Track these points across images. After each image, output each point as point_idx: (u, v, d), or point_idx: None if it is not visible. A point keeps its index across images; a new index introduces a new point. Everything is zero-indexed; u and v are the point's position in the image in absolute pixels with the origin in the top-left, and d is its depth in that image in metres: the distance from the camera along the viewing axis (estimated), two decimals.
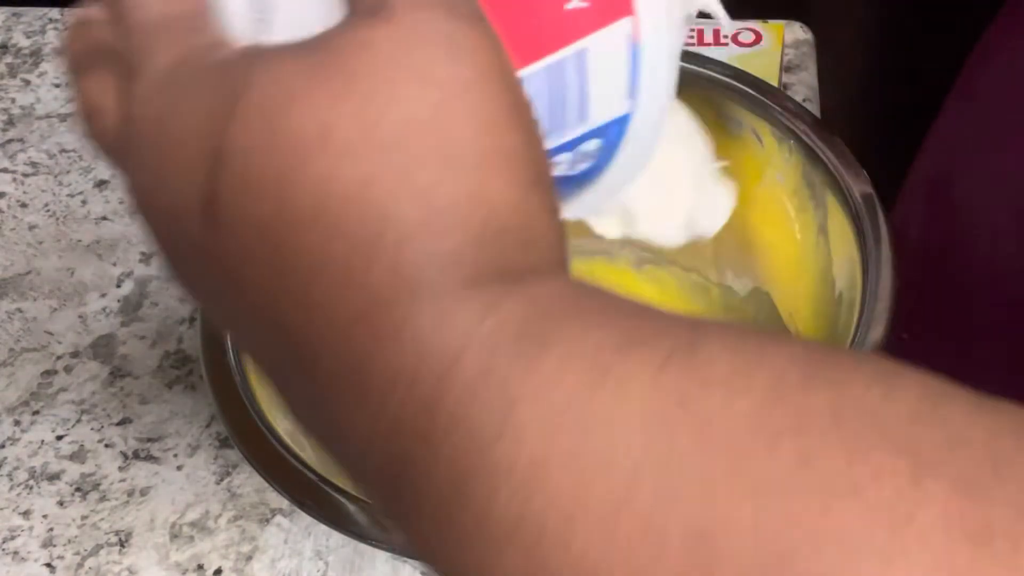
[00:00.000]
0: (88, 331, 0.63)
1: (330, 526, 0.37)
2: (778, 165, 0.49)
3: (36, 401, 0.60)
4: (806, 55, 0.74)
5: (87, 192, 0.71)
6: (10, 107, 0.77)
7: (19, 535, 0.54)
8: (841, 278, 0.46)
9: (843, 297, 0.45)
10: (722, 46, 0.73)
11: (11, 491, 0.56)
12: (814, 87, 0.72)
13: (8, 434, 0.58)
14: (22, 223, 0.69)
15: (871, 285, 0.42)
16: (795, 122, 0.48)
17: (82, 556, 0.53)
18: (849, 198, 0.45)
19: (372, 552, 0.52)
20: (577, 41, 0.29)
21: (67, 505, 0.55)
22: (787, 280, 0.52)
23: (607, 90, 0.31)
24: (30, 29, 0.83)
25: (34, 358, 0.62)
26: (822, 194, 0.47)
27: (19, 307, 0.64)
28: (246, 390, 0.41)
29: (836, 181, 0.46)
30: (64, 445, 0.58)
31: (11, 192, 0.71)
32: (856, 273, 0.43)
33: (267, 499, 0.55)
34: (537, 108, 0.26)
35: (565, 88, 0.30)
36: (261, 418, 0.40)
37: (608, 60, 0.30)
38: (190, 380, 0.60)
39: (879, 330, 0.40)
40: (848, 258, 0.45)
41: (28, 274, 0.66)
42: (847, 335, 0.41)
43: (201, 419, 0.58)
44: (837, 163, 0.46)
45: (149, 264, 0.66)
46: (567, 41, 0.29)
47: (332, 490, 0.38)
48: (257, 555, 0.53)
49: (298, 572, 0.52)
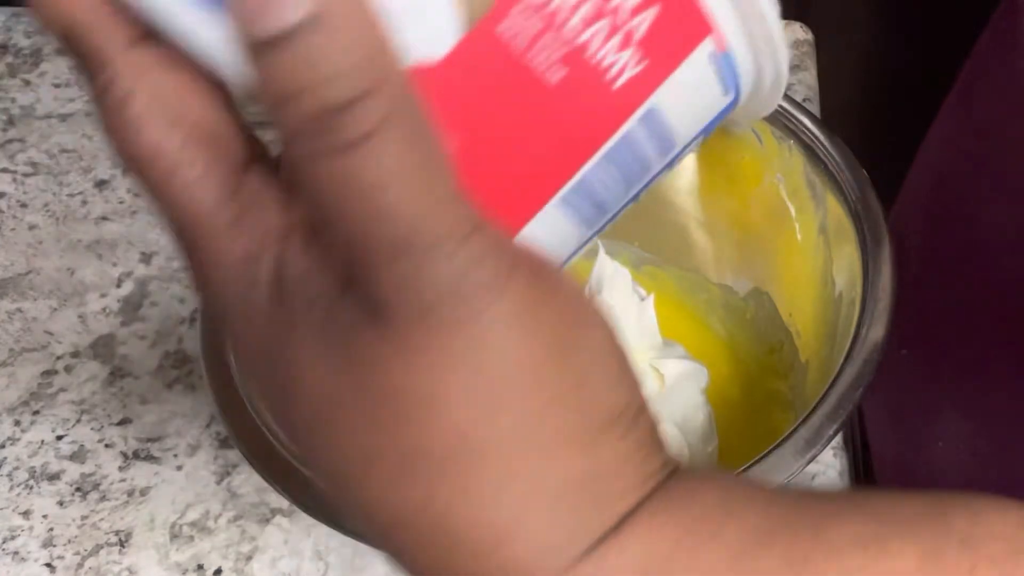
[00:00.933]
0: (88, 331, 0.63)
1: (330, 526, 0.37)
2: (778, 165, 0.49)
3: (36, 401, 0.60)
4: (806, 55, 0.74)
5: (87, 192, 0.71)
6: (10, 107, 0.77)
7: (19, 535, 0.54)
8: (841, 278, 0.45)
9: (843, 297, 0.45)
10: None
11: (11, 491, 0.56)
12: (814, 87, 0.72)
13: (8, 434, 0.58)
14: (22, 223, 0.69)
15: (871, 285, 0.42)
16: (795, 122, 0.48)
17: (82, 556, 0.53)
18: (849, 198, 0.45)
19: (372, 552, 0.52)
20: (638, 108, 0.27)
21: (67, 505, 0.55)
22: (787, 280, 0.52)
23: (696, 110, 0.29)
24: (30, 29, 0.83)
25: (34, 358, 0.62)
26: (822, 194, 0.47)
27: (19, 307, 0.64)
28: (246, 390, 0.41)
29: (836, 181, 0.46)
30: (64, 445, 0.58)
31: (11, 192, 0.71)
32: (856, 273, 0.43)
33: (267, 499, 0.55)
34: (609, 187, 0.26)
35: (638, 149, 0.28)
36: (261, 418, 0.40)
37: (688, 91, 0.28)
38: (190, 380, 0.60)
39: (879, 330, 0.40)
40: (848, 258, 0.45)
41: (28, 274, 0.66)
42: (847, 335, 0.41)
43: (201, 419, 0.58)
44: (838, 163, 0.46)
45: (149, 264, 0.66)
46: (624, 117, 0.27)
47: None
48: (257, 555, 0.53)
49: (298, 572, 0.52)
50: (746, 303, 0.55)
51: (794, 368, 0.50)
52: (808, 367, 0.49)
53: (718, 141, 0.52)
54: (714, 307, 0.56)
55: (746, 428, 0.51)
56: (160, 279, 0.65)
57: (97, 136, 0.74)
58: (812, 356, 0.48)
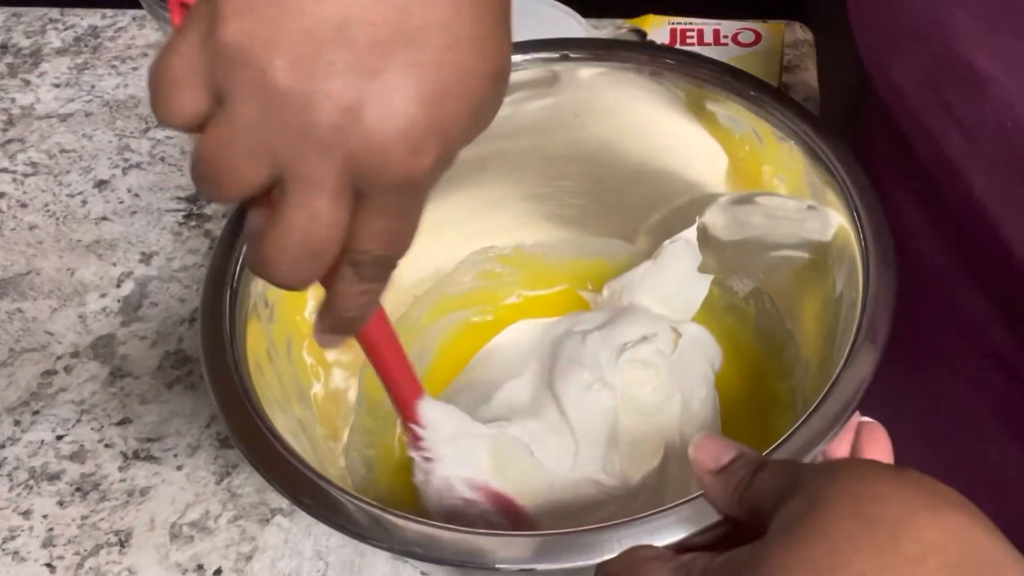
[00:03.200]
0: (88, 331, 0.63)
1: (330, 526, 0.37)
2: (779, 165, 0.49)
3: (36, 401, 0.60)
4: (806, 55, 0.74)
5: (87, 192, 0.71)
6: (10, 107, 0.77)
7: (19, 535, 0.54)
8: (841, 278, 0.45)
9: (843, 297, 0.45)
10: (722, 46, 0.73)
11: (11, 491, 0.56)
12: (814, 87, 0.72)
13: (8, 434, 0.58)
14: (22, 223, 0.69)
15: (871, 285, 0.42)
16: (796, 122, 0.48)
17: (82, 556, 0.53)
18: (849, 198, 0.45)
19: (372, 552, 0.52)
20: None
21: (67, 505, 0.55)
22: (787, 280, 0.52)
23: None
24: (30, 29, 0.83)
25: (34, 358, 0.62)
26: (822, 194, 0.47)
27: (19, 307, 0.64)
28: (246, 390, 0.41)
29: (836, 181, 0.46)
30: (64, 445, 0.58)
31: (11, 192, 0.71)
32: (856, 273, 0.43)
33: (267, 499, 0.55)
34: None
35: None
36: (261, 418, 0.40)
37: None
38: (190, 380, 0.60)
39: (880, 331, 0.40)
40: (848, 258, 0.45)
41: (28, 274, 0.66)
42: (848, 336, 0.41)
43: (201, 419, 0.58)
44: (837, 163, 0.46)
45: (149, 264, 0.66)
46: None
47: (332, 489, 0.38)
48: (257, 555, 0.53)
49: (298, 572, 0.52)
50: (747, 303, 0.55)
51: (795, 369, 0.50)
52: (808, 367, 0.49)
53: (719, 141, 0.52)
54: (714, 307, 0.56)
55: (747, 428, 0.51)
56: (160, 279, 0.65)
57: (97, 136, 0.74)
58: (812, 356, 0.48)
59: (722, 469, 0.35)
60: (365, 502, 0.38)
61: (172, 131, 0.74)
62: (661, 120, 0.52)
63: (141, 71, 0.79)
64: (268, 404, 0.42)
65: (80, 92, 0.77)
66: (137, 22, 0.83)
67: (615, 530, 0.35)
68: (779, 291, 0.53)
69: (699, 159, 0.53)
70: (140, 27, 0.82)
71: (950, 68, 0.41)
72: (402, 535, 0.36)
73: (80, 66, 0.79)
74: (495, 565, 0.35)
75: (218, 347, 0.43)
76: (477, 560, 0.36)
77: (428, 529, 0.36)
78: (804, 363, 0.49)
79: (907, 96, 0.45)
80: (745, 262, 0.54)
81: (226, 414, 0.41)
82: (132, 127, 0.75)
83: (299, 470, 0.39)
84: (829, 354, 0.44)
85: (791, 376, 0.51)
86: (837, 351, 0.42)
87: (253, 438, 0.40)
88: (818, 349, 0.47)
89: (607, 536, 0.35)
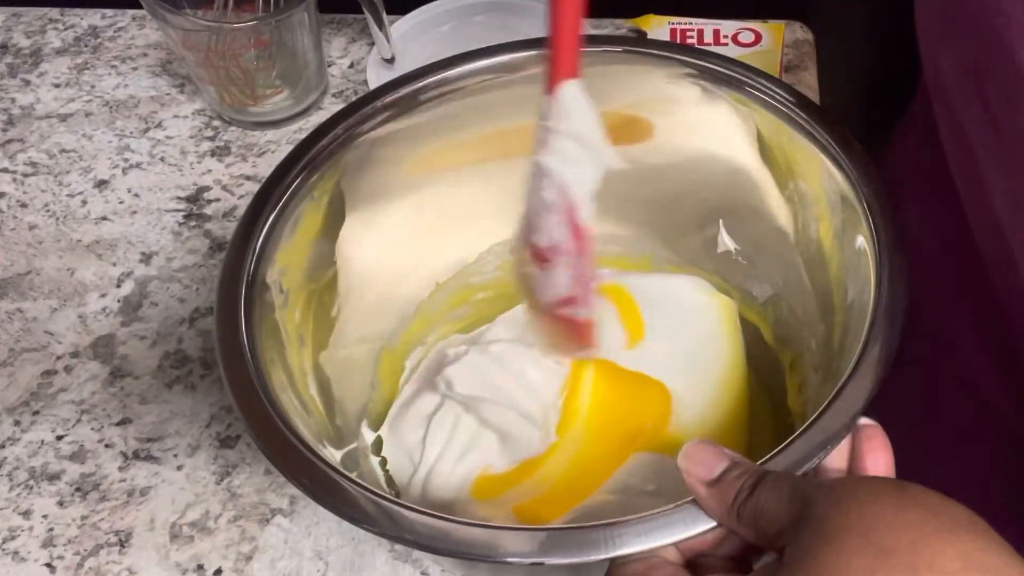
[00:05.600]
0: (88, 331, 0.63)
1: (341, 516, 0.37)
2: (796, 172, 0.49)
3: (36, 401, 0.60)
4: (806, 55, 0.74)
5: (87, 192, 0.71)
6: (10, 107, 0.77)
7: (19, 535, 0.54)
8: (853, 286, 0.45)
9: (854, 305, 0.44)
10: (722, 46, 0.73)
11: (11, 491, 0.56)
12: (814, 87, 0.72)
13: (8, 434, 0.58)
14: (22, 223, 0.69)
15: (883, 294, 0.41)
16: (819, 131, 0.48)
17: (82, 556, 0.53)
18: (865, 205, 0.44)
19: (372, 552, 0.52)
20: None
21: (67, 505, 0.55)
22: (802, 286, 0.52)
23: None
24: (30, 29, 0.83)
25: (34, 358, 0.62)
26: (838, 201, 0.46)
27: (19, 307, 0.64)
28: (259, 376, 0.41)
29: (853, 188, 0.45)
30: (64, 445, 0.58)
31: (11, 192, 0.71)
32: (869, 280, 0.43)
33: (267, 499, 0.55)
34: None
35: None
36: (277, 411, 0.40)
37: None
38: (190, 380, 0.60)
39: (891, 336, 0.40)
40: (863, 266, 0.44)
41: (28, 274, 0.66)
42: (857, 341, 0.41)
43: (201, 419, 0.58)
44: (854, 170, 0.46)
45: (149, 264, 0.66)
46: None
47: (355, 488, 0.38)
48: (257, 555, 0.53)
49: (298, 572, 0.52)
50: (764, 308, 0.55)
51: (804, 375, 0.50)
52: (817, 374, 0.48)
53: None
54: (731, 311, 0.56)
55: (751, 433, 0.51)
56: (160, 279, 0.65)
57: (97, 136, 0.74)
58: (821, 363, 0.48)
59: (716, 480, 0.35)
60: (372, 491, 0.38)
61: (172, 131, 0.75)
62: (698, 120, 0.52)
63: (141, 71, 0.79)
64: (280, 389, 0.42)
65: (80, 92, 0.77)
66: (137, 22, 0.83)
67: (624, 527, 0.35)
68: (793, 297, 0.53)
69: (729, 155, 0.53)
70: (140, 27, 0.82)
71: (994, 59, 0.39)
72: (413, 528, 0.37)
73: (80, 66, 0.79)
74: (505, 559, 0.35)
75: (234, 341, 0.42)
76: (487, 554, 0.36)
77: (437, 523, 0.36)
78: (813, 369, 0.49)
79: (949, 88, 0.44)
80: (766, 268, 0.54)
81: (243, 407, 0.40)
82: (132, 127, 0.75)
83: (314, 463, 0.39)
84: (838, 362, 0.44)
85: (800, 382, 0.51)
86: (846, 359, 0.41)
87: (269, 432, 0.40)
88: (827, 356, 0.47)
89: (618, 532, 0.35)
